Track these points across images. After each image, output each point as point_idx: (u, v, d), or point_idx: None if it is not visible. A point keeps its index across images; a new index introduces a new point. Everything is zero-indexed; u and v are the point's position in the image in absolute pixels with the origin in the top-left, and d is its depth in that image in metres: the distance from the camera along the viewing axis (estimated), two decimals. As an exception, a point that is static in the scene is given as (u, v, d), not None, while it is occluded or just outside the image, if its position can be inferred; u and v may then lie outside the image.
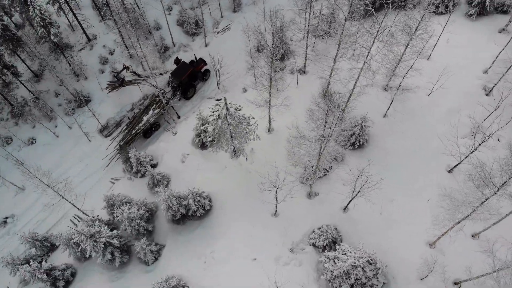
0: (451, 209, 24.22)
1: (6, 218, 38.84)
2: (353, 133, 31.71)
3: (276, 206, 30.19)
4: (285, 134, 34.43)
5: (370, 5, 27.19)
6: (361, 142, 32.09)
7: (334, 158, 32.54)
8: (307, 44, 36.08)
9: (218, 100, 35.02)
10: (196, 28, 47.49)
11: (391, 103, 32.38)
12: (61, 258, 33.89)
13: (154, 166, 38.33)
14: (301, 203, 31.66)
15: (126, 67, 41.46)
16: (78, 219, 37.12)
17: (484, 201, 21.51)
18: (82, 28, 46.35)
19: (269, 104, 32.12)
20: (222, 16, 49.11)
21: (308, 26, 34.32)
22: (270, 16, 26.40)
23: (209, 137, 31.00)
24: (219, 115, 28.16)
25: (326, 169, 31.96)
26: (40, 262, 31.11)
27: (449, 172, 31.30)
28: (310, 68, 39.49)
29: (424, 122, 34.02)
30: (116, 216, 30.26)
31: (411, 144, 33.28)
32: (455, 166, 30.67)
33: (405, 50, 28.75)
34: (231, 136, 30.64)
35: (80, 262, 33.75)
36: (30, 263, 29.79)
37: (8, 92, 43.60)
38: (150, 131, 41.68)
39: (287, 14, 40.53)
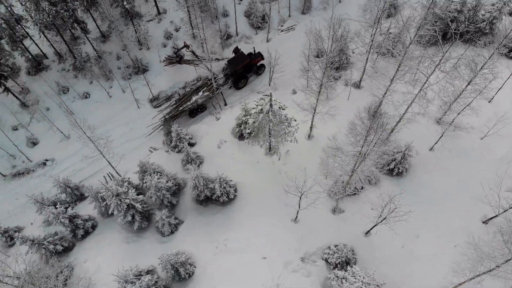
0: (474, 260, 23.06)
1: (47, 160, 41.34)
2: (394, 159, 30.88)
3: (298, 212, 30.04)
4: (323, 143, 34.04)
5: (438, 32, 26.22)
6: (400, 170, 31.20)
7: (368, 180, 31.93)
8: (367, 59, 35.53)
9: (265, 95, 35.45)
10: (261, 22, 47.96)
11: (440, 137, 31.20)
12: (86, 209, 35.61)
13: (192, 145, 39.32)
14: (324, 216, 31.32)
15: (186, 46, 42.71)
16: (111, 177, 38.83)
17: (510, 259, 20.31)
18: (155, 1, 48.14)
19: (314, 110, 31.94)
20: (289, 16, 49.28)
21: (372, 41, 33.69)
22: (333, 23, 26.20)
23: (248, 129, 31.36)
24: (261, 109, 28.43)
25: (356, 188, 31.39)
26: (66, 208, 32.87)
27: (484, 222, 29.76)
28: (365, 84, 38.87)
29: (471, 165, 32.51)
30: (145, 182, 31.35)
31: (451, 184, 31.96)
32: (491, 218, 29.13)
33: (466, 86, 27.59)
34: (269, 133, 30.85)
35: (103, 217, 35.31)
36: (57, 206, 31.53)
37: (75, 45, 46.19)
38: (196, 111, 42.75)
39: (354, 26, 40.15)
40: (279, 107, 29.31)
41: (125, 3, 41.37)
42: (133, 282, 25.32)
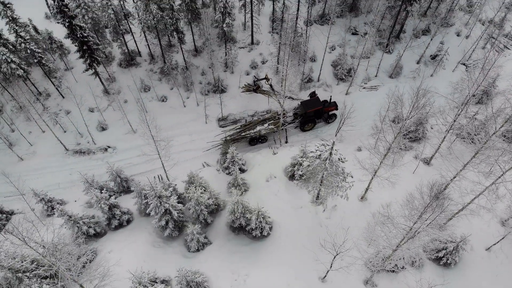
0: None
1: (109, 147, 43.57)
2: (445, 247, 28.23)
3: (328, 271, 28.21)
4: (375, 208, 32.17)
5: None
6: (448, 261, 28.36)
7: (412, 260, 29.40)
8: (444, 138, 33.63)
9: (326, 144, 35.01)
10: (346, 75, 47.90)
11: (501, 239, 28.10)
12: (128, 202, 36.43)
13: (242, 171, 39.34)
14: (354, 286, 29.07)
15: (266, 78, 43.70)
16: (160, 179, 39.78)
17: None
18: (252, 31, 50.28)
19: (375, 172, 30.52)
20: (376, 76, 48.77)
21: (454, 122, 31.90)
22: (418, 90, 25.23)
23: (301, 171, 30.61)
24: (320, 155, 27.68)
25: (397, 266, 28.96)
26: (110, 195, 33.94)
27: None
28: (436, 162, 36.70)
29: None
30: (188, 193, 31.50)
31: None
32: None
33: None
34: (321, 181, 29.84)
35: (140, 215, 35.92)
36: (102, 191, 32.65)
37: (168, 52, 49.36)
38: (256, 140, 43.06)
39: (439, 101, 38.61)
40: (339, 159, 28.41)
41: (224, 25, 43.57)
42: (146, 286, 24.96)
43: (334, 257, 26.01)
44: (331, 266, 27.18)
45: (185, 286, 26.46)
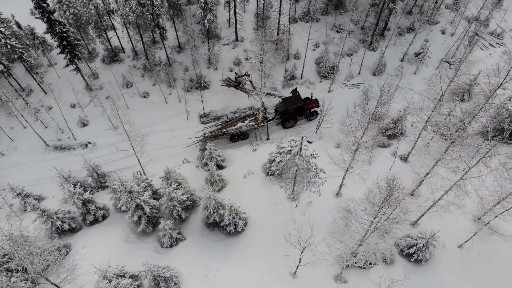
0: None
1: (89, 143, 43.50)
2: (415, 244, 28.16)
3: (297, 267, 28.12)
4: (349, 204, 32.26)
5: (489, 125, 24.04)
6: (419, 258, 28.25)
7: (384, 258, 29.34)
8: (419, 135, 33.54)
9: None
10: (329, 72, 47.82)
11: (472, 236, 27.99)
12: (105, 198, 36.17)
13: (221, 167, 39.31)
14: (324, 281, 28.93)
15: (247, 74, 43.61)
16: (140, 175, 39.59)
17: None
18: (236, 28, 50.18)
19: (347, 168, 30.46)
20: (359, 73, 48.70)
21: (429, 118, 31.80)
22: (382, 87, 25.17)
23: (274, 166, 30.50)
24: (290, 150, 27.59)
25: (369, 262, 28.85)
26: (85, 191, 33.84)
27: None
28: (413, 159, 36.55)
29: (495, 276, 28.63)
30: (160, 188, 31.37)
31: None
32: None
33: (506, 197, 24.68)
34: (295, 178, 29.75)
35: (116, 211, 35.69)
36: (76, 186, 32.55)
37: (152, 48, 49.25)
38: (237, 137, 43.00)
39: (416, 98, 38.54)
40: (311, 154, 28.34)
41: (205, 21, 43.48)
42: (110, 281, 24.85)
43: (302, 252, 25.93)
44: (300, 261, 27.09)
45: (152, 281, 26.33)
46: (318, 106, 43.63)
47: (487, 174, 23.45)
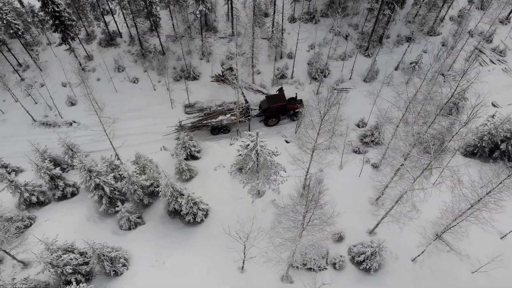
0: None
1: (74, 122, 44.45)
2: (364, 252, 27.77)
3: (243, 261, 28.12)
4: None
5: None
6: (368, 266, 27.82)
7: (334, 263, 29.06)
8: (389, 143, 32.95)
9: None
10: (319, 74, 47.38)
11: (423, 251, 27.36)
12: (76, 177, 37.04)
13: (195, 158, 39.60)
14: (270, 279, 28.80)
15: (231, 68, 43.68)
16: (117, 158, 40.21)
17: None
18: (232, 22, 50.31)
19: (307, 170, 30.31)
20: (350, 78, 48.13)
21: (397, 127, 31.20)
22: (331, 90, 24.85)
23: (234, 161, 30.57)
24: (248, 145, 27.54)
25: (317, 265, 28.64)
26: (55, 166, 34.58)
27: None
28: (384, 168, 36.02)
29: None
30: (120, 170, 31.75)
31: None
32: None
33: (467, 211, 23.95)
34: (256, 173, 29.72)
35: (86, 190, 36.39)
36: (45, 161, 33.30)
37: (149, 35, 49.80)
38: (218, 130, 43.15)
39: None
40: (272, 152, 28.27)
41: (197, 12, 43.73)
42: (52, 253, 25.34)
43: (244, 246, 25.95)
44: (244, 256, 27.10)
45: (95, 259, 26.76)
46: (302, 107, 43.31)
47: (433, 187, 22.89)
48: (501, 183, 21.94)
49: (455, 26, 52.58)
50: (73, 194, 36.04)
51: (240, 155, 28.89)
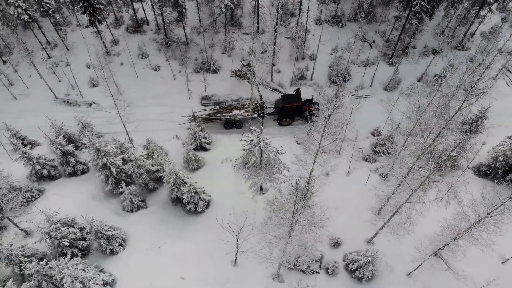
0: None
1: (94, 102, 45.57)
2: (357, 260, 27.43)
3: (236, 255, 28.26)
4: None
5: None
6: (360, 275, 27.45)
7: (327, 267, 28.83)
8: (398, 154, 32.36)
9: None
10: (339, 79, 46.95)
11: (418, 267, 26.78)
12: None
13: (205, 149, 39.96)
14: (261, 277, 28.79)
15: (249, 65, 43.84)
16: (130, 141, 41.00)
17: None
18: (258, 19, 50.46)
19: (310, 172, 30.11)
20: (371, 85, 47.47)
21: (407, 137, 30.59)
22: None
23: (240, 155, 30.75)
24: (252, 140, 27.63)
25: (310, 267, 28.49)
26: (69, 143, 35.68)
27: None
28: (394, 178, 35.50)
29: None
30: (128, 153, 32.37)
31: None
32: None
33: (466, 230, 23.32)
34: (256, 169, 29.81)
35: (95, 169, 37.36)
36: (60, 136, 34.39)
37: (176, 25, 50.53)
38: (231, 125, 43.38)
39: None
40: (276, 150, 28.30)
41: (222, 6, 44.05)
42: (51, 224, 26.16)
43: (237, 240, 26.10)
44: (237, 249, 27.25)
45: (93, 235, 27.46)
46: (317, 110, 42.97)
47: (431, 202, 22.39)
48: (502, 204, 21.32)
49: (484, 42, 51.05)
50: (83, 172, 37.01)
51: (244, 149, 29.08)
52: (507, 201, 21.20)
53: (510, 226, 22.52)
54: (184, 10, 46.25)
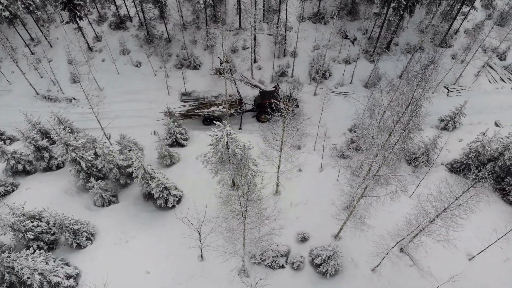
0: None
1: (74, 98, 45.79)
2: (320, 254, 27.51)
3: (201, 250, 28.38)
4: (287, 203, 32.35)
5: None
6: (324, 270, 27.53)
7: (293, 262, 28.91)
8: (376, 154, 32.35)
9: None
10: (320, 77, 46.87)
11: (381, 261, 26.82)
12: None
13: (181, 145, 40.05)
14: (227, 272, 28.78)
15: (227, 61, 43.90)
16: (108, 137, 41.17)
17: None
18: (240, 16, 50.45)
19: (278, 167, 30.26)
20: (351, 82, 47.48)
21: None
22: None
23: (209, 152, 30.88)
24: (217, 135, 27.69)
25: (276, 262, 28.60)
26: (47, 138, 35.90)
27: None
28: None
29: None
30: (96, 147, 32.42)
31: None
32: None
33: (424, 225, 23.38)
34: (223, 164, 29.90)
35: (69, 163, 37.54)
36: (34, 131, 34.60)
37: (156, 21, 50.58)
38: (210, 121, 43.43)
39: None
40: (244, 145, 28.38)
41: (201, 1, 44.09)
42: (15, 217, 26.33)
43: (199, 234, 26.21)
44: (201, 244, 27.36)
45: (58, 228, 27.61)
46: (297, 107, 43.00)
47: (385, 196, 22.45)
48: (456, 199, 21.40)
49: (467, 39, 50.89)
50: (58, 167, 37.18)
51: (211, 145, 29.18)
52: (460, 196, 21.30)
53: (474, 223, 22.75)
54: (164, 7, 46.32)
